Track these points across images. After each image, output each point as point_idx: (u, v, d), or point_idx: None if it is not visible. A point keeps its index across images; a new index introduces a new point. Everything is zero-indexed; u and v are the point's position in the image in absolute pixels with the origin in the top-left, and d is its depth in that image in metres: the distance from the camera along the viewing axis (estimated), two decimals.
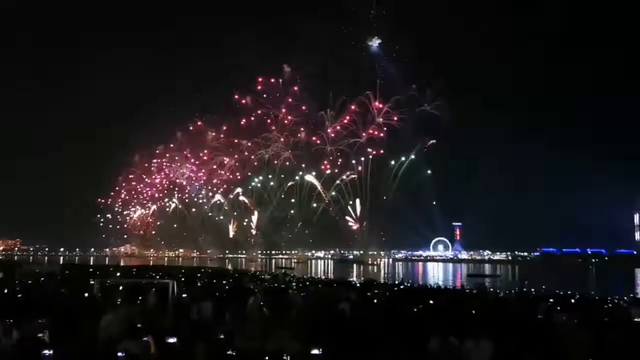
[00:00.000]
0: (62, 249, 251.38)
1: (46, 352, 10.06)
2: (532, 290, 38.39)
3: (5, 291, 24.47)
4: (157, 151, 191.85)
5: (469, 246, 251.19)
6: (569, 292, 35.54)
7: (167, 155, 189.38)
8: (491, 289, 37.80)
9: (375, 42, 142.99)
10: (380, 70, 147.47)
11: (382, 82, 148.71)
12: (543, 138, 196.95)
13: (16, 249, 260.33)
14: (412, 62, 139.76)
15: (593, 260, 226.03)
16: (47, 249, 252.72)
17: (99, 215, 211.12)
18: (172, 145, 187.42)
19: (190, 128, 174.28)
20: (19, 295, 22.51)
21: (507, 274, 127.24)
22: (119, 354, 10.21)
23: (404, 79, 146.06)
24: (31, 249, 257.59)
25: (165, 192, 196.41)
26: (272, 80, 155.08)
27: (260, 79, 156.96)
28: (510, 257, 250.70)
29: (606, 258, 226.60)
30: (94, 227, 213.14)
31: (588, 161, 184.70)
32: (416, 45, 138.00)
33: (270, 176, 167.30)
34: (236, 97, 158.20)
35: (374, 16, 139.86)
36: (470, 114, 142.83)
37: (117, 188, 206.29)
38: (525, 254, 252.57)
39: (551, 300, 27.51)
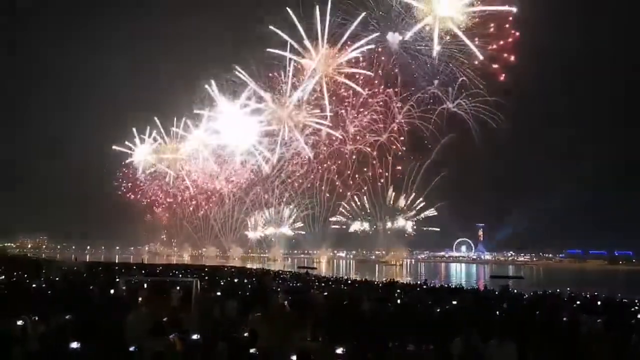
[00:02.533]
0: (88, 247, 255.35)
1: (74, 345, 10.26)
2: (557, 291, 37.95)
3: (33, 286, 24.98)
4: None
5: (493, 247, 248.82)
6: (595, 294, 35.07)
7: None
8: (515, 291, 37.38)
9: (395, 39, 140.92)
10: (401, 67, 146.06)
11: (402, 79, 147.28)
12: (569, 137, 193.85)
13: (43, 246, 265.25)
14: (434, 59, 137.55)
15: (620, 262, 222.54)
16: (73, 247, 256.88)
17: (124, 214, 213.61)
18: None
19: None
20: (46, 292, 22.97)
21: (532, 275, 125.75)
22: (144, 351, 10.37)
23: (425, 76, 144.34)
24: (58, 246, 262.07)
25: (189, 191, 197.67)
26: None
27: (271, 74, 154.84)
28: (535, 259, 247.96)
29: (634, 260, 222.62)
30: (120, 225, 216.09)
31: (616, 162, 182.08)
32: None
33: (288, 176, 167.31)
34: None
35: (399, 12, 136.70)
36: (493, 113, 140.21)
37: (142, 186, 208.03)
38: (550, 255, 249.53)
39: (577, 302, 27.19)
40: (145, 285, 24.24)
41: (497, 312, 19.66)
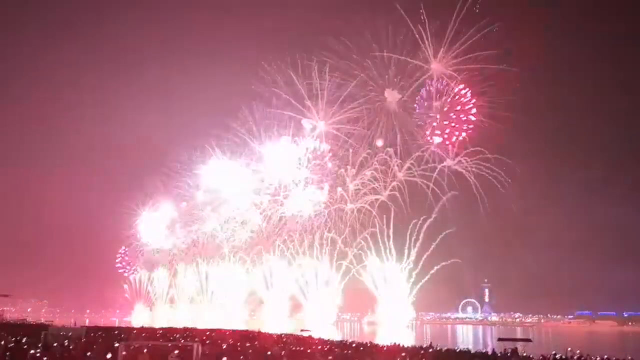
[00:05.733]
0: (88, 311, 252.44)
1: None
2: (568, 351, 37.15)
3: (31, 352, 24.54)
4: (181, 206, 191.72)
5: (499, 308, 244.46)
6: (605, 357, 34.33)
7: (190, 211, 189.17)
8: (524, 354, 36.50)
9: (394, 97, 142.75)
10: (400, 125, 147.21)
11: (402, 137, 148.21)
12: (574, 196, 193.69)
13: (43, 310, 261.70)
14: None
15: (630, 323, 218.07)
16: (73, 310, 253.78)
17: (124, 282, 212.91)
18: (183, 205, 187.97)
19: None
20: (44, 359, 22.56)
21: (541, 338, 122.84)
22: None
23: (424, 134, 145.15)
24: (58, 310, 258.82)
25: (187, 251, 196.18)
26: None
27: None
28: (543, 320, 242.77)
29: None
30: (119, 290, 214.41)
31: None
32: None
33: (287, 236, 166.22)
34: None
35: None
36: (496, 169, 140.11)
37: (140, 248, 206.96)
38: (559, 316, 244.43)
39: None
40: (145, 350, 23.83)
41: None
